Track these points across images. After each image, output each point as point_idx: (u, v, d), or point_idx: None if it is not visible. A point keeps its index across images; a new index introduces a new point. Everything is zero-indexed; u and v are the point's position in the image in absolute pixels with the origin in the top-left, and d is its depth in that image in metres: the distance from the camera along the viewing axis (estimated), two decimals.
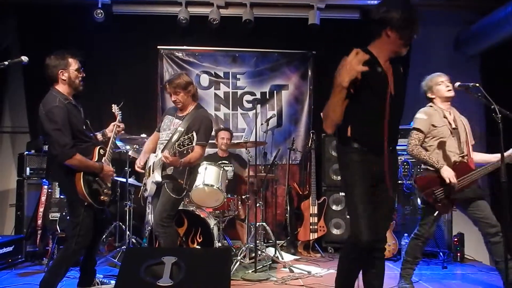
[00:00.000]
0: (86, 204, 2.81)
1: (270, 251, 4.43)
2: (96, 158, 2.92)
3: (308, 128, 5.53)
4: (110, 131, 3.21)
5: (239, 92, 5.64)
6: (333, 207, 4.98)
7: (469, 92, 3.01)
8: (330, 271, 4.00)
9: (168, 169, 3.24)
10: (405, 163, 4.81)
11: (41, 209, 4.36)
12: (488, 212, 3.13)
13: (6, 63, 2.66)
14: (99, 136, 3.17)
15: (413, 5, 2.22)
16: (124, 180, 4.31)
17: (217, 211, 4.24)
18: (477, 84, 3.00)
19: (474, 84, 2.99)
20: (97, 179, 2.90)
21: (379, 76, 2.25)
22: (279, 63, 5.64)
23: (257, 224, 4.34)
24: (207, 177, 3.98)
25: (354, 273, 2.33)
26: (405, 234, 4.50)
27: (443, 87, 3.29)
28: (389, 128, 2.29)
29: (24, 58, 2.74)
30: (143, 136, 4.32)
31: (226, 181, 4.26)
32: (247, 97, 5.63)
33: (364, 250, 2.20)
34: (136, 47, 5.38)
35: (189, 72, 5.34)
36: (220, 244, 4.09)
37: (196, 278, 2.47)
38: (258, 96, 5.58)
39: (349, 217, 2.31)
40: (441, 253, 4.51)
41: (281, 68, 5.65)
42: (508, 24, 4.55)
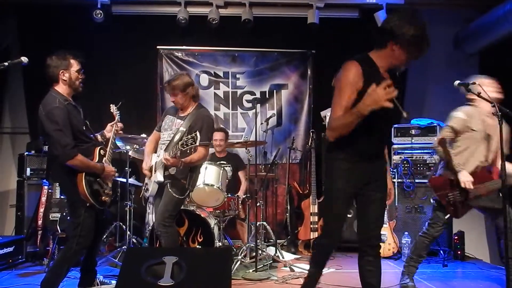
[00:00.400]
0: (87, 205, 2.81)
1: (271, 251, 4.44)
2: (97, 159, 2.92)
3: (308, 127, 5.53)
4: (109, 132, 3.21)
5: (239, 92, 5.64)
6: None
7: (469, 90, 3.01)
8: (331, 270, 4.00)
9: (171, 169, 3.24)
10: (405, 162, 4.81)
11: (42, 210, 4.36)
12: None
13: (6, 64, 2.65)
14: (99, 137, 3.18)
15: (425, 24, 2.12)
16: (125, 180, 4.31)
17: (218, 211, 4.24)
18: (477, 82, 3.00)
19: (474, 82, 2.99)
20: (98, 180, 2.90)
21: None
22: (279, 63, 5.64)
23: (258, 224, 4.34)
24: (208, 177, 3.98)
25: (323, 266, 2.50)
26: (405, 233, 4.51)
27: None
28: (380, 136, 2.33)
29: (24, 59, 2.73)
30: (143, 136, 4.32)
31: (226, 181, 4.26)
32: (247, 97, 5.63)
33: (332, 248, 2.45)
34: (136, 47, 5.38)
35: (189, 72, 5.30)
36: (221, 244, 4.09)
37: (197, 278, 2.47)
38: (258, 96, 5.58)
39: (324, 218, 2.62)
40: (442, 251, 4.52)
41: (281, 68, 5.65)
42: (507, 22, 4.54)
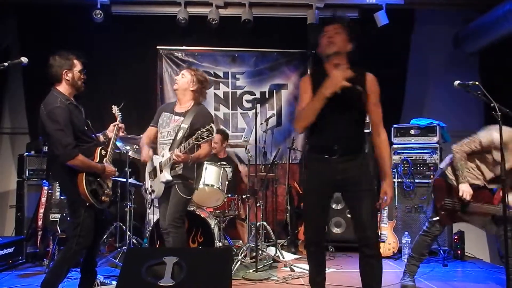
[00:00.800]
0: (87, 205, 2.81)
1: (271, 251, 4.43)
2: (98, 159, 2.92)
3: None
4: (111, 132, 3.21)
5: (239, 92, 5.64)
6: (333, 206, 4.96)
7: (469, 91, 3.01)
8: (331, 270, 4.00)
9: (178, 168, 3.23)
10: (405, 162, 4.81)
11: (42, 210, 4.35)
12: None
13: (6, 64, 2.65)
14: (101, 138, 3.18)
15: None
16: (125, 181, 4.31)
17: (218, 211, 4.24)
18: (477, 82, 2.99)
19: (474, 82, 2.98)
20: (99, 180, 2.90)
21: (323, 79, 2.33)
22: (279, 63, 5.64)
23: (258, 224, 4.34)
24: (208, 177, 3.98)
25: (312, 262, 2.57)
26: (406, 232, 4.51)
27: None
28: (337, 135, 2.34)
29: (24, 59, 2.73)
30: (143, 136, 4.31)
31: (226, 181, 4.26)
32: (247, 97, 5.63)
33: (311, 245, 2.53)
34: (136, 48, 5.38)
35: None
36: (221, 244, 4.09)
37: (197, 278, 2.46)
38: (258, 96, 5.58)
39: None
40: (442, 251, 4.52)
41: (281, 68, 5.65)
42: (507, 22, 4.55)
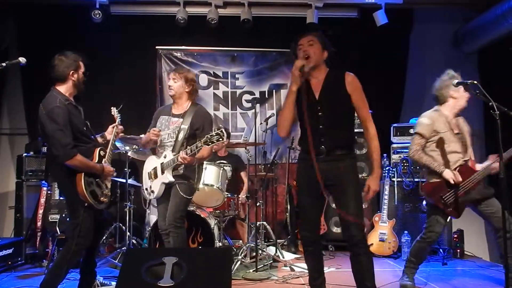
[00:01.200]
0: (86, 205, 2.81)
1: (271, 250, 4.43)
2: (97, 160, 2.92)
3: None
4: (110, 134, 3.21)
5: (238, 92, 5.64)
6: (333, 206, 4.96)
7: (468, 89, 3.01)
8: (331, 269, 4.00)
9: (180, 168, 3.25)
10: (405, 161, 4.82)
11: (41, 211, 4.35)
12: (499, 207, 3.09)
13: (4, 65, 2.64)
14: (99, 139, 3.18)
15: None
16: (124, 181, 4.31)
17: (218, 211, 4.24)
18: (475, 82, 2.99)
19: (472, 82, 2.98)
20: (97, 180, 2.90)
21: (302, 85, 2.39)
22: (278, 62, 5.64)
23: (258, 223, 4.34)
24: (207, 177, 3.98)
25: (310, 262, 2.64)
26: (405, 232, 4.51)
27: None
28: (316, 136, 2.37)
29: (22, 59, 2.73)
30: (142, 137, 4.31)
31: (226, 181, 4.26)
32: (246, 97, 5.63)
33: (309, 245, 2.59)
34: (135, 48, 5.38)
35: None
36: (221, 244, 4.09)
37: (197, 278, 2.46)
38: (257, 96, 5.58)
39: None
40: (441, 250, 4.52)
41: (280, 67, 5.64)
42: (505, 21, 4.55)
